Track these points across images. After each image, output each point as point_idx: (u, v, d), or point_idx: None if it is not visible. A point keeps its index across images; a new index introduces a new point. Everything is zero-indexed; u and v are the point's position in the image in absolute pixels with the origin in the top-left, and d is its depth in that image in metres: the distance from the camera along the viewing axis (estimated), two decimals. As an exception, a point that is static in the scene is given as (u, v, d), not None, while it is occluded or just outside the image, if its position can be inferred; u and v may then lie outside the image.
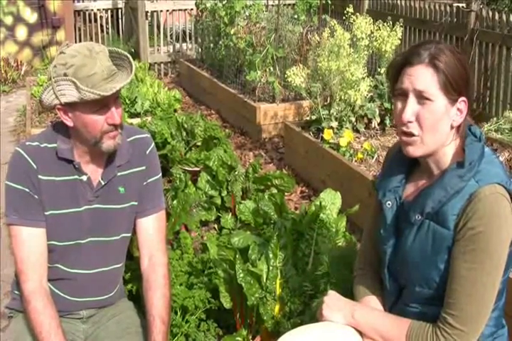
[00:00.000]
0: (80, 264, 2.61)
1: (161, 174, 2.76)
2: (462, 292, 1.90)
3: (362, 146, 5.22)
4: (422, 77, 1.92)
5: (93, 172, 2.57)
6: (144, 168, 2.67)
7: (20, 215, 2.48)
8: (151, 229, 2.68)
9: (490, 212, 1.87)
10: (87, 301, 2.66)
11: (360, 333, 2.08)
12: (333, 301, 2.16)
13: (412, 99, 1.94)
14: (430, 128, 1.94)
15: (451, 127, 1.97)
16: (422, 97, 1.93)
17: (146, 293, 2.58)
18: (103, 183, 2.57)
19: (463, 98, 1.95)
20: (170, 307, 2.61)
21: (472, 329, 1.91)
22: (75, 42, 8.29)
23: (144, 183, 2.67)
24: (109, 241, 2.63)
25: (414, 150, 2.00)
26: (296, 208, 4.84)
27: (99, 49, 2.40)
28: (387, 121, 5.77)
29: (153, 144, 2.73)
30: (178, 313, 2.97)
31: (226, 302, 2.87)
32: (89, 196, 2.56)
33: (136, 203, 2.66)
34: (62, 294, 2.62)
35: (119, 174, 2.61)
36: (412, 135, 1.97)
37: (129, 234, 2.70)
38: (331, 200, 3.35)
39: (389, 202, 2.11)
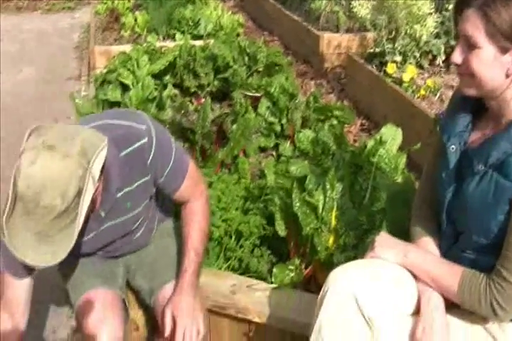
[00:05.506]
0: (99, 254, 2.64)
1: (173, 155, 2.44)
2: None
3: (425, 83, 5.13)
4: (471, 22, 1.85)
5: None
6: (147, 178, 2.40)
7: (8, 269, 2.35)
8: (184, 192, 2.56)
9: None
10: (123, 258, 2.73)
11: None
12: (385, 240, 2.16)
13: (461, 43, 1.90)
14: (478, 73, 1.88)
15: (508, 75, 1.89)
16: (469, 42, 1.87)
17: (184, 227, 2.58)
18: (103, 215, 2.36)
19: None
20: (205, 243, 2.60)
21: None
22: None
23: (158, 182, 2.46)
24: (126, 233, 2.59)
25: (467, 90, 1.97)
26: (354, 141, 4.81)
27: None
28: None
29: (153, 147, 2.34)
30: (233, 237, 3.01)
31: (281, 230, 2.88)
32: (94, 225, 2.38)
33: (148, 200, 2.52)
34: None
35: (121, 194, 2.37)
36: (464, 75, 1.94)
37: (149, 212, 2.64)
38: (391, 136, 3.29)
39: (453, 146, 2.06)
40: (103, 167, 2.04)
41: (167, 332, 2.38)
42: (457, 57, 1.92)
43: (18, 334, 2.38)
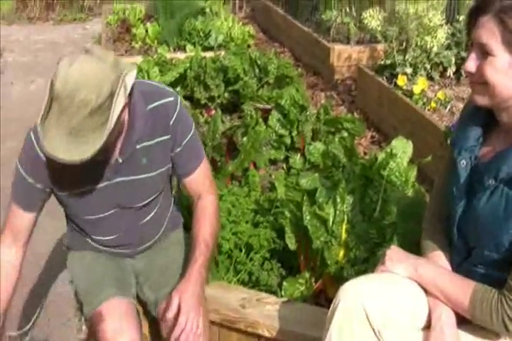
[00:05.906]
0: (109, 232, 2.64)
1: (193, 130, 2.60)
2: None
3: (436, 95, 5.11)
4: (486, 29, 1.82)
5: (109, 150, 2.37)
6: (168, 137, 2.50)
7: (18, 201, 2.48)
8: (196, 182, 2.64)
9: None
10: (130, 250, 2.72)
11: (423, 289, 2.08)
12: (396, 254, 2.13)
13: (475, 50, 1.87)
14: (492, 81, 1.85)
15: None
16: (483, 50, 1.84)
17: (195, 223, 2.59)
18: (120, 161, 2.42)
19: None
20: (216, 239, 2.61)
21: None
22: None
23: (175, 151, 2.55)
24: (138, 207, 2.60)
25: (480, 100, 1.93)
26: (365, 153, 4.80)
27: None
28: (463, 71, 5.65)
29: (178, 108, 2.50)
30: (243, 250, 2.99)
31: (291, 243, 2.87)
32: (108, 174, 2.46)
33: (164, 169, 2.57)
34: (102, 248, 2.69)
35: (140, 146, 2.45)
36: (476, 84, 1.91)
37: (163, 191, 2.66)
38: (402, 148, 3.28)
39: (463, 161, 2.04)
40: (131, 93, 2.19)
41: (170, 315, 2.36)
42: (471, 65, 1.88)
43: (18, 260, 2.52)
